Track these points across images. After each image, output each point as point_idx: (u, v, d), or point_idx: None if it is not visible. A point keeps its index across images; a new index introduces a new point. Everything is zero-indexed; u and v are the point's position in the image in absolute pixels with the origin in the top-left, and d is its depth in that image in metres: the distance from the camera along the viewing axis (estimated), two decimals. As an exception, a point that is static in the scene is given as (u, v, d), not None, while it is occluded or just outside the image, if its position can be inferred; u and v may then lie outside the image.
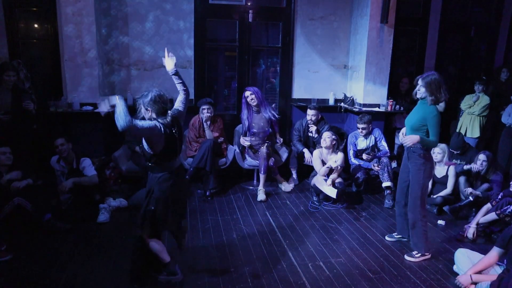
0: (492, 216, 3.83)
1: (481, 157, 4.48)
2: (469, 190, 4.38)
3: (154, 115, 2.77)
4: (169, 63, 2.92)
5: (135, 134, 2.79)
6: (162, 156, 2.80)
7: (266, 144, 5.15)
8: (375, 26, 5.53)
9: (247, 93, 5.12)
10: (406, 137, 3.37)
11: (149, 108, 2.77)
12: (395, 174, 4.70)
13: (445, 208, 4.46)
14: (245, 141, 5.23)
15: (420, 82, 3.35)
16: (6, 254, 3.32)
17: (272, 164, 5.10)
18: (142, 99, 2.80)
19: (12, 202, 3.76)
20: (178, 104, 2.99)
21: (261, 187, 4.99)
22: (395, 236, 3.90)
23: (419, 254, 3.55)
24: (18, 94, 4.44)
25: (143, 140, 2.78)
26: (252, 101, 5.11)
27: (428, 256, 3.57)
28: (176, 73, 2.93)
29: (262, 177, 5.01)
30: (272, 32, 6.17)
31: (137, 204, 3.83)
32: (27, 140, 4.59)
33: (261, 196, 4.89)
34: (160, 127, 2.71)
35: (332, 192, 4.54)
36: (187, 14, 5.55)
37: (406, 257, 3.56)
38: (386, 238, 3.92)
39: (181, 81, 2.96)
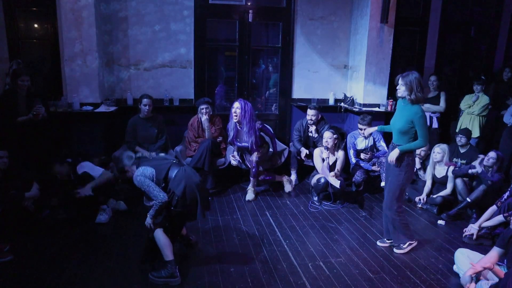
0: (499, 219, 3.76)
1: (491, 154, 4.39)
2: (474, 169, 4.43)
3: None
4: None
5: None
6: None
7: (255, 152, 4.96)
8: (375, 26, 5.53)
9: (236, 104, 4.74)
10: (392, 156, 3.37)
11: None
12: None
13: (443, 215, 4.43)
14: (232, 160, 5.05)
15: (400, 81, 3.33)
16: (8, 255, 3.31)
17: (262, 178, 5.12)
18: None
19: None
20: None
21: (250, 187, 4.98)
22: (387, 241, 3.78)
23: (406, 244, 3.59)
24: (31, 98, 4.36)
25: None
26: (235, 114, 4.73)
27: (414, 243, 3.61)
28: None
29: (251, 180, 5.00)
30: (272, 32, 6.17)
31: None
32: (42, 144, 4.50)
33: (249, 195, 4.89)
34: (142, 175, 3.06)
35: (336, 183, 4.58)
36: (187, 14, 5.55)
37: (395, 250, 3.61)
38: (378, 243, 3.81)
39: None
